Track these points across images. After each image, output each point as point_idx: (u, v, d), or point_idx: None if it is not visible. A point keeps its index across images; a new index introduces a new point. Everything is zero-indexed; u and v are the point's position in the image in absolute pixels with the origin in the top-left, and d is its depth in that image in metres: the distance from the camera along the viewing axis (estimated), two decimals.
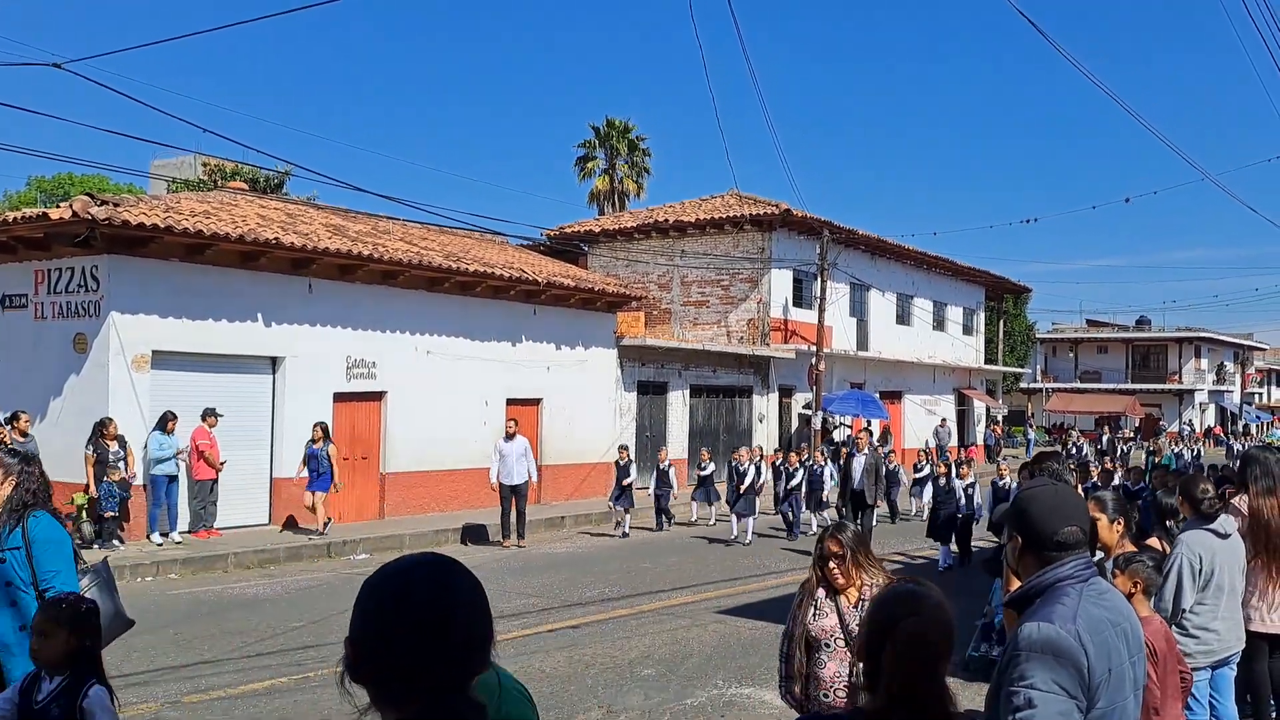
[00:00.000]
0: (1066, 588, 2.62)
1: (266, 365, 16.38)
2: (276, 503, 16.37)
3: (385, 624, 1.59)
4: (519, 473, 16.45)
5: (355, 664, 1.61)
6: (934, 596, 2.48)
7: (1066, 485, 3.00)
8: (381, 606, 1.61)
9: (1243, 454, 6.41)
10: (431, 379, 18.68)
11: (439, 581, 1.65)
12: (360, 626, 1.62)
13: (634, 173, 46.92)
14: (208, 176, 32.10)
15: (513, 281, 19.94)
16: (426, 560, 1.70)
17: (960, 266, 36.56)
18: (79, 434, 13.91)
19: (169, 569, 13.14)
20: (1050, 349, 61.94)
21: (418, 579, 1.64)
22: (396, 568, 1.68)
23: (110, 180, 39.35)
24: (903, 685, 2.33)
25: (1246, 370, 64.93)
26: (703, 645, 9.55)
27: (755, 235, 27.55)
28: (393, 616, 1.59)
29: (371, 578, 1.68)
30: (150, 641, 9.43)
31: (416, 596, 1.61)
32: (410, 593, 1.62)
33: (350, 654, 1.62)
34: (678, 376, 25.05)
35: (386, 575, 1.66)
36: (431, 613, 1.60)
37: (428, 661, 1.57)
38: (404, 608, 1.60)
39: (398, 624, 1.58)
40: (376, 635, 1.60)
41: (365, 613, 1.63)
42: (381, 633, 1.59)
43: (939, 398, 36.45)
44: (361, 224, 20.37)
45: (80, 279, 14.46)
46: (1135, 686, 2.66)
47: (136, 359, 14.42)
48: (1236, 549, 5.46)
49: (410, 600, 1.61)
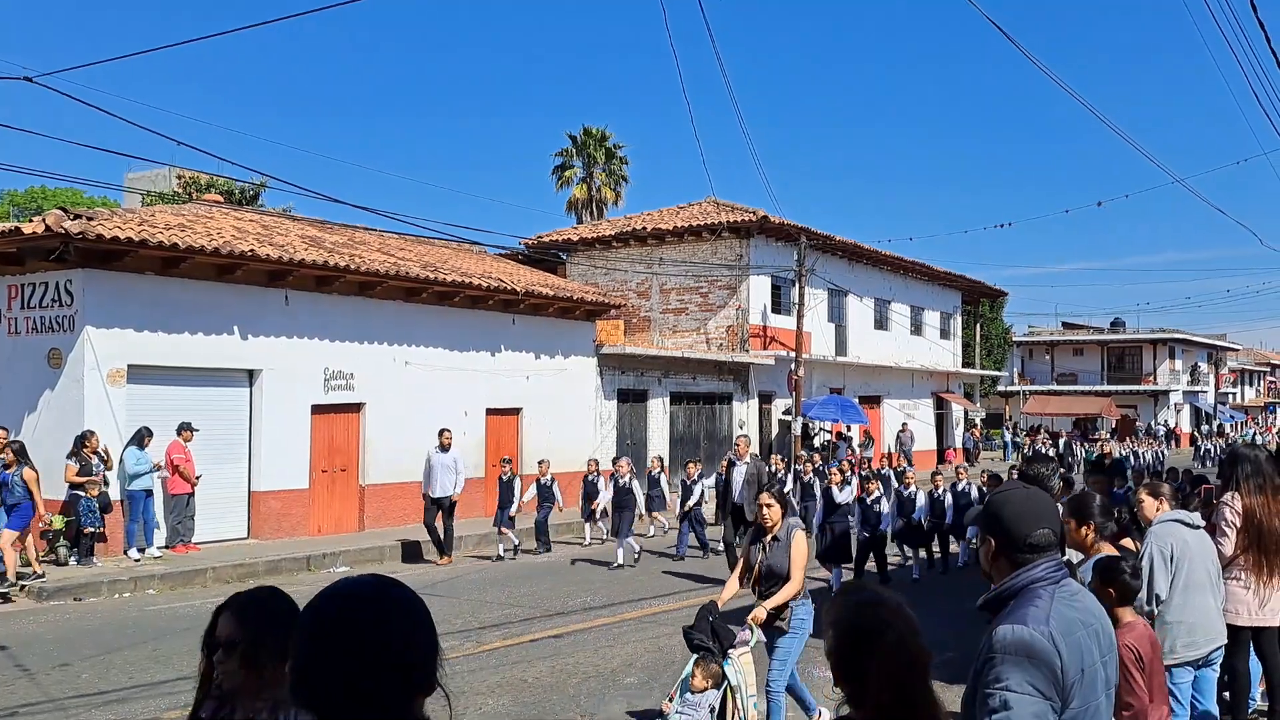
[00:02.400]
0: (1039, 590, 2.65)
1: (243, 378, 16.29)
2: (255, 516, 16.27)
3: (327, 647, 1.57)
4: (445, 485, 15.64)
5: (298, 689, 1.58)
6: (896, 598, 2.47)
7: (1038, 489, 3.03)
8: (323, 630, 1.59)
9: (1230, 452, 6.45)
10: (410, 390, 18.63)
11: (380, 603, 1.62)
12: (302, 651, 1.60)
13: (611, 181, 46.96)
14: (182, 189, 31.93)
15: (491, 291, 19.92)
16: (367, 581, 1.68)
17: (937, 271, 36.77)
18: (55, 449, 13.79)
19: (147, 584, 13.03)
20: (1027, 352, 62.36)
21: (359, 601, 1.63)
22: (337, 590, 1.66)
23: (84, 194, 39.09)
24: (895, 695, 2.30)
25: (1220, 371, 65.58)
26: (685, 653, 9.53)
27: (733, 242, 27.64)
28: (335, 640, 1.58)
29: (312, 601, 1.66)
30: (129, 658, 9.36)
31: (359, 619, 1.59)
32: (352, 615, 1.60)
33: (293, 679, 1.59)
34: (658, 384, 25.09)
35: (327, 598, 1.64)
36: (374, 634, 1.58)
37: (369, 684, 1.55)
38: (346, 630, 1.58)
39: (340, 647, 1.56)
40: (319, 658, 1.58)
41: (308, 637, 1.60)
42: (324, 655, 1.57)
43: (917, 401, 36.63)
44: (338, 235, 20.31)
45: (54, 293, 14.36)
46: (1107, 686, 2.69)
47: (112, 373, 14.32)
48: (1206, 541, 5.54)
49: (352, 623, 1.59)
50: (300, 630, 1.62)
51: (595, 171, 46.76)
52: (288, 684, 1.60)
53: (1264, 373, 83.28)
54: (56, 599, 12.15)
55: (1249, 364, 79.11)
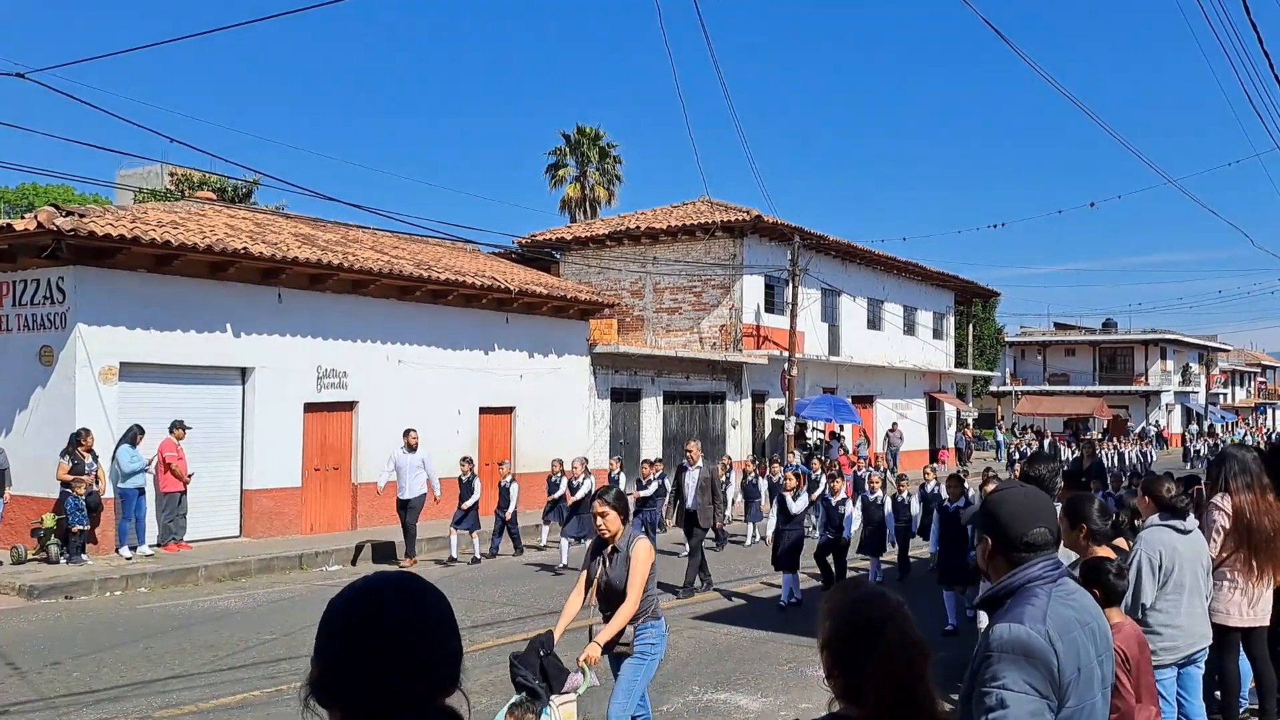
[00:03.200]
0: (1036, 588, 2.66)
1: (236, 376, 16.25)
2: (247, 515, 16.23)
3: (353, 645, 1.58)
4: (412, 486, 15.32)
5: (321, 684, 1.59)
6: (895, 595, 2.43)
7: (1035, 488, 3.03)
8: (348, 627, 1.60)
9: (1220, 453, 6.49)
10: (403, 389, 18.59)
11: (407, 602, 1.63)
12: (327, 647, 1.61)
13: (605, 180, 46.95)
14: (175, 186, 31.78)
15: (484, 290, 19.90)
16: (393, 580, 1.68)
17: (930, 271, 36.81)
18: (46, 447, 13.75)
19: (139, 583, 12.99)
20: (1019, 352, 62.53)
21: (386, 599, 1.63)
22: (365, 588, 1.66)
23: (76, 190, 38.94)
24: (895, 692, 2.26)
25: (1211, 371, 65.77)
26: (678, 651, 9.54)
27: (727, 242, 27.64)
28: (360, 637, 1.58)
29: (337, 598, 1.67)
30: (120, 656, 9.33)
31: (385, 617, 1.60)
32: (378, 614, 1.61)
33: (316, 674, 1.61)
34: (651, 383, 25.08)
35: (354, 595, 1.65)
36: (400, 633, 1.59)
37: (395, 681, 1.56)
38: (372, 628, 1.59)
39: (365, 645, 1.57)
40: (344, 656, 1.59)
41: (333, 634, 1.61)
42: (349, 653, 1.58)
43: (910, 401, 36.68)
44: (331, 233, 20.26)
45: (46, 290, 14.30)
46: (1103, 685, 2.69)
47: (104, 371, 14.27)
48: (1198, 545, 5.53)
49: (378, 621, 1.60)
50: (326, 626, 1.63)
51: (589, 170, 46.74)
52: (312, 681, 1.61)
53: (1255, 373, 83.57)
54: (48, 597, 12.10)
55: (1240, 365, 79.37)
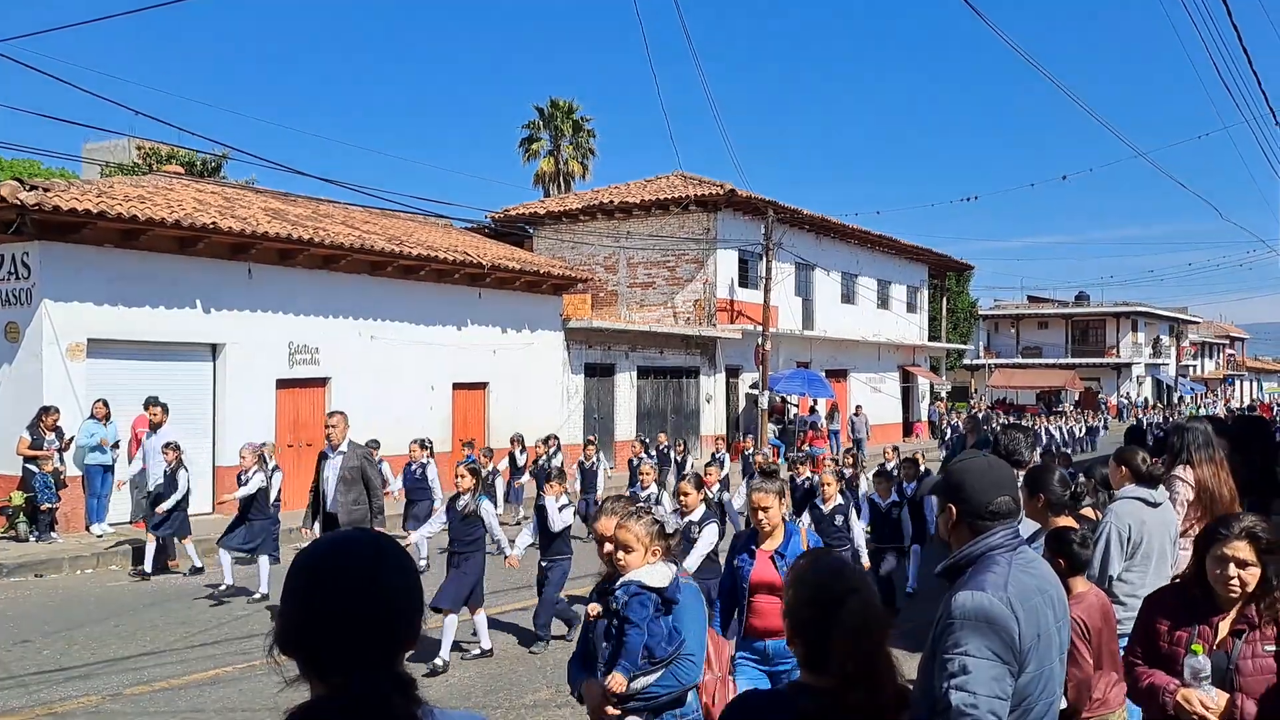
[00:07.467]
0: (997, 556, 2.69)
1: (206, 352, 16.11)
2: (219, 491, 16.10)
3: (317, 599, 1.62)
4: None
5: (285, 636, 1.63)
6: (857, 567, 2.47)
7: (997, 458, 3.06)
8: (313, 582, 1.64)
9: (1176, 426, 6.56)
10: (376, 364, 18.50)
11: (370, 558, 1.67)
12: (292, 601, 1.65)
13: (579, 154, 46.68)
14: (142, 160, 31.34)
15: (457, 265, 19.79)
16: (357, 537, 1.73)
17: (904, 245, 36.93)
18: (13, 425, 13.61)
19: (110, 560, 12.91)
20: (992, 325, 62.93)
21: (350, 556, 1.67)
22: (329, 544, 1.71)
23: (41, 165, 38.32)
24: (858, 664, 2.30)
25: (1181, 344, 66.48)
26: None
27: (700, 216, 27.60)
28: (324, 592, 1.62)
29: (302, 554, 1.71)
30: (92, 633, 9.29)
31: (349, 573, 1.64)
32: (342, 569, 1.65)
33: (280, 627, 1.65)
34: (625, 358, 25.08)
35: (318, 552, 1.69)
36: (363, 589, 1.62)
37: (357, 636, 1.60)
38: (335, 584, 1.62)
39: (329, 600, 1.61)
40: (308, 610, 1.62)
41: (296, 589, 1.65)
42: (313, 607, 1.62)
43: (884, 375, 36.87)
44: (301, 208, 20.07)
45: (10, 266, 14.10)
46: (1061, 650, 2.74)
47: (71, 348, 14.11)
48: (1167, 518, 5.59)
49: (342, 577, 1.63)
50: (290, 580, 1.67)
51: (563, 144, 46.45)
52: (276, 632, 1.65)
53: (1223, 345, 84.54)
54: (17, 575, 12.01)
55: (1209, 337, 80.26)
